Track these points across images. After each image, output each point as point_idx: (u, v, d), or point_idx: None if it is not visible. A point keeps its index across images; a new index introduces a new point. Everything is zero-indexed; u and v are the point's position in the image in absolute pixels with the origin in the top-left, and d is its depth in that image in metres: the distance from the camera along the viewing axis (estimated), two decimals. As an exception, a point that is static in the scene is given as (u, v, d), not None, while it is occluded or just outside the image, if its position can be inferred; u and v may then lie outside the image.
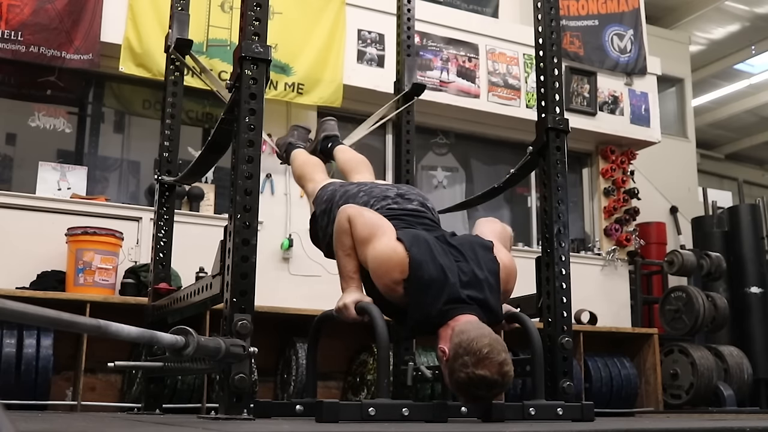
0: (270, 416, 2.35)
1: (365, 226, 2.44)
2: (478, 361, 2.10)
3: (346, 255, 2.48)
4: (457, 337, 2.18)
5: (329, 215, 2.76)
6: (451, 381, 2.19)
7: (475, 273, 2.38)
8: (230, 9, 5.67)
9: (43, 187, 5.25)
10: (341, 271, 2.50)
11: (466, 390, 2.15)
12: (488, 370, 2.10)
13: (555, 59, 3.02)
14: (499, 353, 2.13)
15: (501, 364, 2.12)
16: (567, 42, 7.04)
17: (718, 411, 6.03)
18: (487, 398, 2.17)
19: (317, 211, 2.88)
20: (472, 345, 2.13)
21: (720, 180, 12.33)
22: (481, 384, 2.11)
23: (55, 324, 1.35)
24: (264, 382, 5.05)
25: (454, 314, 2.28)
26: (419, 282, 2.31)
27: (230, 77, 2.42)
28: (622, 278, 7.24)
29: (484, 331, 2.19)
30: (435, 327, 2.31)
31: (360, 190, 2.80)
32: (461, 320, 2.26)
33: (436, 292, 2.30)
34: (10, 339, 4.24)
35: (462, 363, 2.12)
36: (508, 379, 2.15)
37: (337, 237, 2.50)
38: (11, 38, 5.07)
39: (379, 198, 2.72)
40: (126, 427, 2.00)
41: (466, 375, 2.11)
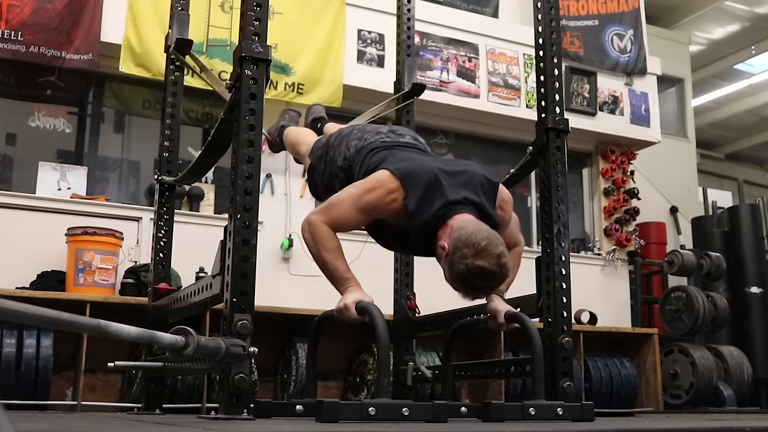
0: (270, 416, 2.34)
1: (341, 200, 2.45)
2: (477, 253, 2.22)
3: (334, 258, 2.44)
4: (456, 233, 2.29)
5: (326, 159, 2.81)
6: (451, 274, 2.30)
7: (470, 178, 2.49)
8: (230, 9, 5.67)
9: (43, 187, 5.25)
10: (334, 277, 2.46)
11: (466, 281, 2.27)
12: (487, 261, 2.23)
13: (555, 59, 3.02)
14: (497, 246, 2.26)
15: (499, 255, 2.24)
16: (567, 42, 7.04)
17: (718, 411, 6.02)
18: (485, 289, 2.32)
19: (314, 161, 2.91)
20: (471, 238, 2.25)
21: (720, 180, 12.33)
22: (480, 274, 2.24)
23: (55, 324, 1.35)
24: (264, 382, 5.05)
25: (451, 214, 2.38)
26: (414, 188, 2.40)
27: (230, 77, 2.41)
28: (622, 278, 7.24)
29: (481, 227, 2.31)
30: (434, 230, 2.39)
31: (353, 129, 2.88)
32: (459, 218, 2.36)
33: (432, 195, 2.39)
34: (10, 339, 4.24)
35: (461, 255, 2.24)
36: (506, 271, 2.29)
37: (318, 244, 2.44)
38: (11, 38, 5.07)
39: (372, 133, 2.79)
40: (126, 427, 2.00)
41: (466, 266, 2.24)
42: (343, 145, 2.77)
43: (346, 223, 2.47)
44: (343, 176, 2.72)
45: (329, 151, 2.81)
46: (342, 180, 2.71)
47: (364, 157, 2.65)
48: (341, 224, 2.47)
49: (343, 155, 2.73)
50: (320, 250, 2.45)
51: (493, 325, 2.74)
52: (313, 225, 2.45)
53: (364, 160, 2.63)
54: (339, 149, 2.77)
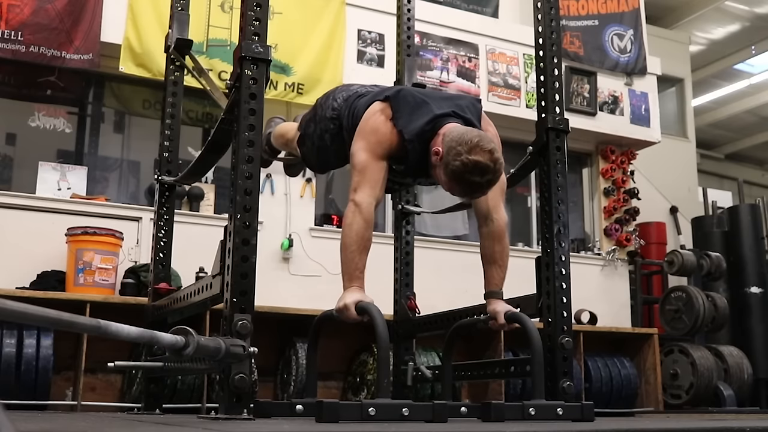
0: (270, 416, 2.34)
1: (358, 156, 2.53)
2: (471, 149, 2.33)
3: (356, 250, 2.44)
4: (448, 136, 2.41)
5: (315, 120, 2.88)
6: (447, 174, 2.39)
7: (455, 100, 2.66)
8: (230, 9, 5.67)
9: (43, 187, 5.25)
10: (348, 268, 2.45)
11: (462, 177, 2.35)
12: (481, 156, 2.32)
13: (555, 59, 3.02)
14: (489, 142, 2.37)
15: (491, 151, 2.35)
16: (567, 42, 7.04)
17: (718, 411, 6.02)
18: (481, 185, 2.36)
19: (303, 130, 2.96)
20: (463, 137, 2.37)
21: (720, 180, 12.34)
22: (474, 169, 2.32)
23: (55, 324, 1.35)
24: (264, 382, 5.05)
25: (441, 124, 2.49)
26: (404, 108, 2.52)
27: (230, 77, 2.41)
28: (622, 278, 7.24)
29: (472, 129, 2.45)
30: (427, 142, 2.49)
31: (337, 87, 2.97)
32: (449, 126, 2.48)
33: (422, 111, 2.52)
34: (10, 339, 4.24)
35: (456, 153, 2.35)
36: (500, 166, 2.37)
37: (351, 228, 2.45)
38: (11, 38, 5.07)
39: (357, 86, 2.89)
40: (126, 427, 2.00)
41: (461, 162, 2.33)
42: (330, 99, 2.85)
43: (383, 179, 2.55)
44: (333, 127, 2.79)
45: (317, 111, 2.88)
46: (332, 132, 2.79)
47: (351, 103, 2.74)
48: (381, 184, 2.54)
49: (331, 107, 2.81)
50: (353, 234, 2.45)
51: (493, 325, 2.74)
52: (362, 208, 2.46)
53: (352, 105, 2.72)
54: (327, 104, 2.85)
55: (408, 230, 3.73)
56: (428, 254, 5.16)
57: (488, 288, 2.72)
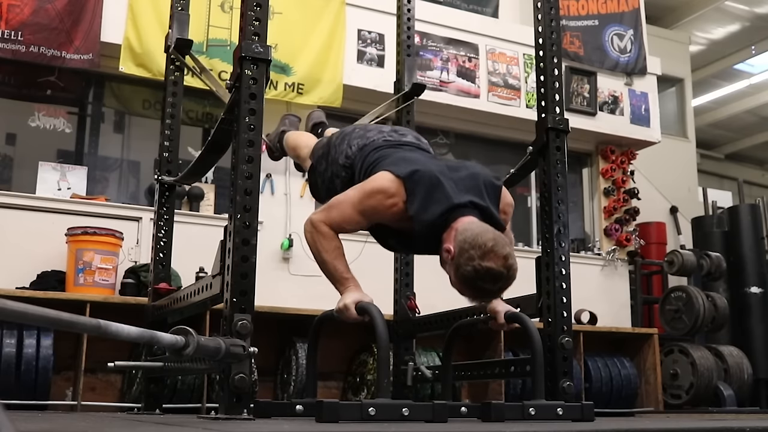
0: (270, 416, 2.34)
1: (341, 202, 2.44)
2: (484, 254, 2.17)
3: (334, 258, 2.44)
4: (461, 235, 2.25)
5: (327, 159, 2.79)
6: (457, 276, 2.25)
7: (474, 181, 2.44)
8: (230, 9, 5.67)
9: (43, 187, 5.25)
10: (333, 277, 2.46)
11: (473, 283, 2.22)
12: (494, 263, 2.17)
13: (555, 59, 3.02)
14: (504, 247, 2.21)
15: (506, 257, 2.19)
16: (567, 42, 7.04)
17: (718, 411, 6.02)
18: (492, 292, 2.24)
19: (315, 161, 2.89)
20: (477, 239, 2.20)
21: (720, 180, 12.33)
22: (487, 276, 2.18)
23: (55, 324, 1.35)
24: (264, 382, 5.05)
25: (455, 217, 2.33)
26: (417, 192, 2.36)
27: (230, 77, 2.41)
28: (622, 278, 7.24)
29: (487, 228, 2.26)
30: (439, 233, 2.35)
31: (355, 128, 2.85)
32: (464, 221, 2.32)
33: (435, 198, 2.35)
34: (10, 339, 4.24)
35: (468, 257, 2.19)
36: (513, 273, 2.21)
37: (318, 245, 2.45)
38: (11, 38, 5.07)
39: (375, 131, 2.76)
40: (126, 427, 2.00)
41: (473, 268, 2.18)
42: (344, 144, 2.74)
43: (347, 225, 2.46)
44: (344, 175, 2.70)
45: (331, 151, 2.78)
46: (344, 179, 2.69)
47: (366, 156, 2.62)
48: (342, 226, 2.46)
49: (345, 153, 2.71)
50: (320, 250, 2.44)
51: (494, 325, 2.74)
52: (314, 225, 2.45)
53: (366, 159, 2.61)
54: (341, 147, 2.74)
55: (408, 230, 3.72)
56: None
57: None
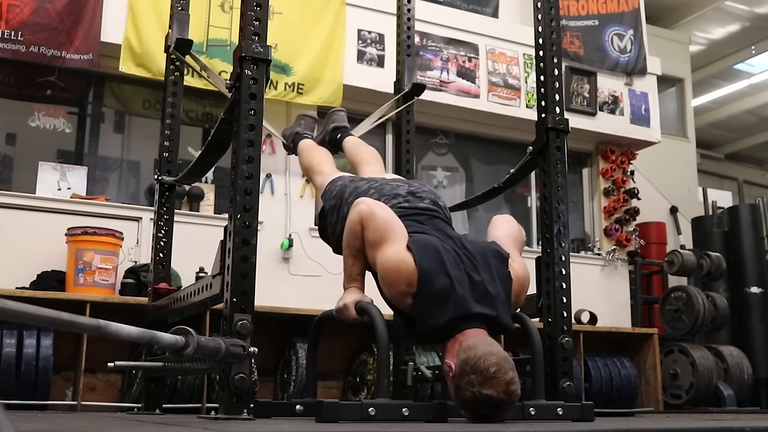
0: (270, 416, 2.35)
1: (377, 230, 2.36)
2: (485, 381, 2.07)
3: (353, 256, 2.45)
4: (464, 354, 2.15)
5: (338, 212, 2.70)
6: (457, 398, 2.17)
7: (487, 287, 2.32)
8: (230, 9, 5.67)
9: (43, 187, 5.25)
10: (346, 270, 2.48)
11: (472, 408, 2.13)
12: (494, 390, 2.07)
13: (555, 59, 3.02)
14: (506, 372, 2.10)
15: (508, 383, 2.09)
16: (567, 42, 7.04)
17: (718, 411, 6.02)
18: (492, 417, 2.14)
19: (326, 207, 2.81)
20: (479, 363, 2.09)
21: (720, 180, 12.33)
22: (487, 403, 2.08)
23: (55, 324, 1.35)
24: (264, 382, 5.05)
25: (462, 328, 2.24)
26: (427, 295, 2.26)
27: (230, 77, 2.41)
28: (622, 278, 7.24)
29: (491, 349, 2.14)
30: (442, 339, 2.28)
31: (370, 187, 2.72)
32: (469, 335, 2.22)
33: (444, 305, 2.25)
34: (10, 339, 4.24)
35: (468, 381, 2.10)
36: (514, 398, 2.12)
37: (346, 236, 2.46)
38: (11, 38, 5.06)
39: (389, 197, 2.64)
40: (126, 427, 2.00)
41: (472, 394, 2.09)
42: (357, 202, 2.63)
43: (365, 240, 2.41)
44: None
45: (342, 206, 2.69)
46: None
47: None
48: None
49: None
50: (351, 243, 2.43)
51: (493, 325, 2.74)
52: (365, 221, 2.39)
53: None
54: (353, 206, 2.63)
55: (408, 230, 3.72)
56: (428, 254, 5.16)
57: None
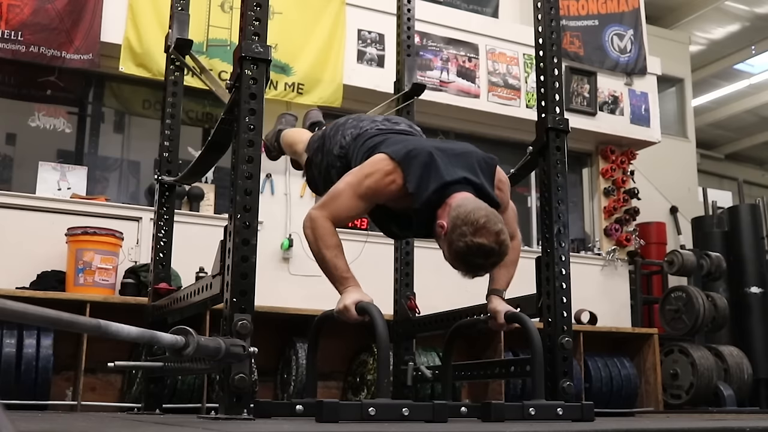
0: (270, 416, 2.34)
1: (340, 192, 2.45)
2: (476, 231, 2.23)
3: (334, 256, 2.43)
4: (455, 211, 2.30)
5: (323, 150, 2.82)
6: (450, 252, 2.31)
7: (468, 159, 2.50)
8: (230, 9, 5.68)
9: (43, 187, 5.25)
10: (333, 276, 2.45)
11: (465, 259, 2.28)
12: (485, 239, 2.24)
13: (555, 59, 3.02)
14: (496, 224, 2.27)
15: (498, 233, 2.25)
16: (567, 42, 7.04)
17: (718, 411, 6.02)
18: (484, 267, 2.31)
19: (311, 154, 2.91)
20: (470, 216, 2.26)
21: (720, 180, 12.33)
22: (479, 252, 2.25)
23: (55, 324, 1.35)
24: (264, 382, 5.05)
25: (450, 192, 2.38)
26: (412, 169, 2.40)
27: (230, 77, 2.41)
28: (622, 278, 7.25)
29: (480, 204, 2.32)
30: (434, 209, 2.40)
31: (349, 119, 2.88)
32: (457, 197, 2.37)
33: (430, 175, 2.40)
34: (10, 339, 4.24)
35: (460, 233, 2.25)
36: (505, 248, 2.29)
37: (319, 242, 2.43)
38: (11, 38, 5.07)
39: (368, 121, 2.81)
40: (126, 427, 2.00)
41: (465, 244, 2.25)
42: (339, 134, 2.78)
43: (348, 213, 2.48)
44: (339, 165, 2.72)
45: (325, 142, 2.82)
46: (339, 169, 2.71)
47: (360, 145, 2.65)
48: (343, 215, 2.47)
49: (339, 143, 2.74)
50: (320, 247, 2.44)
51: (493, 325, 2.74)
52: (314, 221, 2.44)
53: (361, 147, 2.64)
54: (335, 138, 2.78)
55: (408, 230, 3.72)
56: (428, 254, 5.12)
57: (492, 285, 2.73)
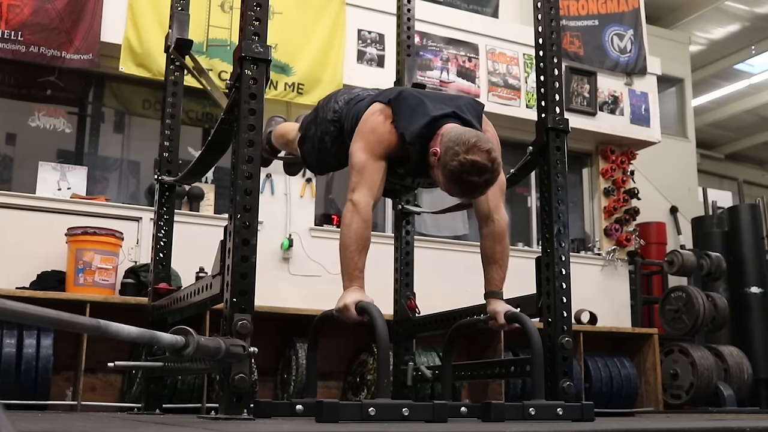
0: (270, 416, 2.34)
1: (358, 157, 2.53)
2: (468, 149, 2.34)
3: (356, 249, 2.44)
4: (447, 136, 2.42)
5: (316, 121, 2.89)
6: (444, 174, 2.40)
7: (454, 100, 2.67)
8: (230, 9, 5.68)
9: (43, 187, 5.25)
10: (348, 268, 2.46)
11: (459, 177, 2.36)
12: (478, 156, 2.33)
13: (555, 59, 3.02)
14: (486, 142, 2.38)
15: (489, 151, 2.36)
16: (567, 42, 7.04)
17: (718, 411, 6.02)
18: (479, 185, 2.37)
19: (304, 131, 2.98)
20: (461, 137, 2.38)
21: (720, 180, 12.34)
22: (472, 168, 2.33)
23: (55, 324, 1.35)
24: (264, 382, 5.05)
25: (440, 125, 2.50)
26: (402, 110, 2.53)
27: (230, 77, 2.41)
28: (622, 278, 7.24)
29: (470, 129, 2.46)
30: (426, 142, 2.49)
31: (339, 90, 3.00)
32: (447, 127, 2.48)
33: (419, 113, 2.53)
34: (10, 339, 4.24)
35: (453, 153, 2.36)
36: (497, 165, 2.38)
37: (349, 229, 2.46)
38: (11, 38, 5.07)
39: (359, 89, 2.94)
40: (126, 427, 2.00)
41: (458, 162, 2.34)
42: (331, 102, 2.87)
43: (382, 178, 2.55)
44: (333, 129, 2.81)
45: (319, 113, 2.90)
46: (332, 134, 2.80)
47: (353, 106, 2.74)
48: (380, 183, 2.54)
49: (333, 109, 2.82)
50: (351, 237, 2.45)
51: (493, 325, 2.74)
52: (358, 205, 2.48)
53: (354, 107, 2.74)
54: (328, 106, 2.86)
55: (408, 230, 3.73)
56: (428, 254, 5.16)
57: (488, 288, 2.72)
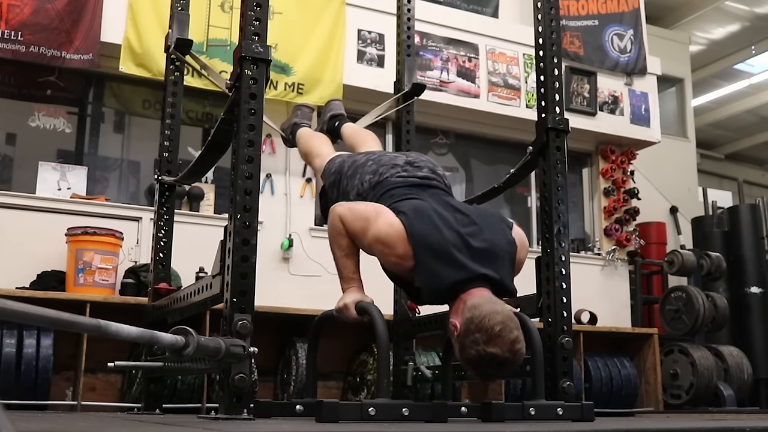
0: (270, 416, 2.34)
1: (357, 218, 2.41)
2: (490, 339, 2.06)
3: (344, 256, 2.47)
4: (469, 312, 2.13)
5: (338, 187, 2.73)
6: (462, 357, 2.16)
7: (489, 251, 2.30)
8: (230, 9, 5.67)
9: (43, 187, 5.25)
10: (340, 273, 2.49)
11: (476, 367, 2.13)
12: (499, 348, 2.07)
13: (555, 59, 3.02)
14: (511, 331, 2.09)
15: (513, 342, 2.08)
16: (567, 42, 7.04)
17: (718, 411, 6.02)
18: (497, 375, 2.20)
19: (326, 185, 2.84)
20: (484, 322, 2.08)
21: (720, 180, 12.33)
22: (491, 362, 2.09)
23: (55, 324, 1.35)
24: (264, 382, 5.05)
25: (465, 288, 2.22)
26: (425, 257, 2.26)
27: (230, 77, 2.41)
28: (622, 278, 7.24)
29: (496, 307, 2.14)
30: (447, 301, 2.29)
31: (368, 159, 2.72)
32: (473, 294, 2.20)
33: (445, 266, 2.24)
34: (10, 339, 4.24)
35: (473, 340, 2.09)
36: (519, 357, 2.12)
37: (332, 239, 2.48)
38: (11, 38, 5.06)
39: (388, 166, 2.63)
40: (126, 427, 2.00)
41: (477, 352, 2.08)
42: (357, 178, 2.66)
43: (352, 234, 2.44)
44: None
45: (342, 180, 2.72)
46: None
47: (378, 197, 2.53)
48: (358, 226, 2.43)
49: (357, 190, 2.63)
50: (339, 243, 2.45)
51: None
52: (342, 218, 2.44)
53: (379, 199, 2.52)
54: (353, 182, 2.67)
55: (408, 230, 3.72)
56: (428, 254, 5.16)
57: None
